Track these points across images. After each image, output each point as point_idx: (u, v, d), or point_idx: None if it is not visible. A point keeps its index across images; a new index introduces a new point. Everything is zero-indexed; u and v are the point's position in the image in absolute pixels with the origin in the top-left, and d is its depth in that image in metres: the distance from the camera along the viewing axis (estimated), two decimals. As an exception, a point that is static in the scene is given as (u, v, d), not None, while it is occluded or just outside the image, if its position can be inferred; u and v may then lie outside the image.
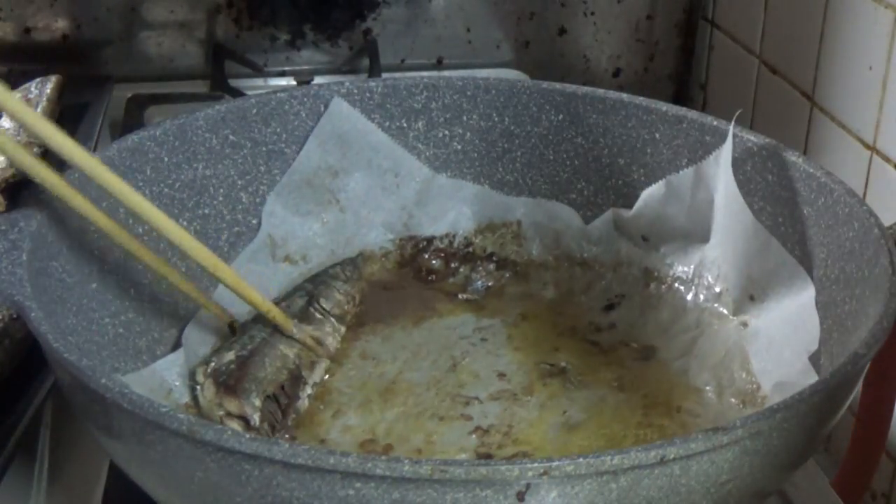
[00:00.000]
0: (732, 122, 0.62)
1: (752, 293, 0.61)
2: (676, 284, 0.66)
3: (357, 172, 0.70)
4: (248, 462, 0.41)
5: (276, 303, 0.63)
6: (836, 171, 0.60)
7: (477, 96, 0.71)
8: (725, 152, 0.61)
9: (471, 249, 0.71)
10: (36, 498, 0.59)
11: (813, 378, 0.54)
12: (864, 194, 0.82)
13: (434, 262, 0.71)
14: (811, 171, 0.60)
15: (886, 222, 0.56)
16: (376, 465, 0.40)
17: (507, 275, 0.70)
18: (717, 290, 0.64)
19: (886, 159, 0.80)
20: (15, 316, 0.60)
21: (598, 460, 0.40)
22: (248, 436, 0.41)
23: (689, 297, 0.65)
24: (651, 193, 0.65)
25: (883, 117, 0.80)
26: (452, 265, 0.71)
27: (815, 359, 0.56)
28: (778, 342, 0.58)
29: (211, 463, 0.42)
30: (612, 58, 1.13)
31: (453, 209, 0.71)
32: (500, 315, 0.67)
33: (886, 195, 0.79)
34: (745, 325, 0.61)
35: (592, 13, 1.10)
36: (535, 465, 0.40)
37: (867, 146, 0.82)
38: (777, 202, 0.62)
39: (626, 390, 0.60)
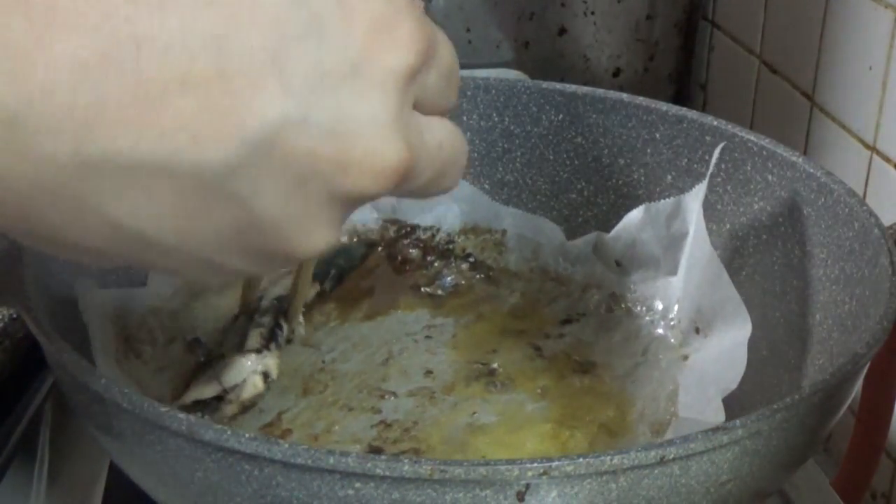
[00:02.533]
0: (714, 158, 0.62)
1: (698, 325, 0.62)
2: (636, 311, 0.66)
3: None
4: (248, 462, 0.41)
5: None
6: (836, 171, 0.60)
7: (477, 96, 0.71)
8: (702, 185, 0.62)
9: (451, 247, 0.71)
10: (36, 498, 0.59)
11: (721, 419, 0.54)
12: (864, 194, 0.82)
13: (412, 251, 0.71)
14: (811, 171, 0.60)
15: (886, 222, 0.56)
16: (376, 465, 0.40)
17: (479, 276, 0.70)
18: (673, 322, 0.64)
19: (886, 159, 0.80)
20: (15, 316, 0.60)
21: (598, 460, 0.40)
22: (247, 435, 0.41)
23: (645, 324, 0.65)
24: (630, 218, 0.66)
25: (883, 117, 0.80)
26: (429, 258, 0.71)
27: (814, 359, 0.56)
28: (707, 378, 0.58)
29: (211, 463, 0.42)
30: (612, 58, 1.13)
31: (443, 203, 0.71)
32: (455, 314, 0.67)
33: (886, 195, 0.80)
34: (685, 357, 0.61)
35: (592, 13, 1.10)
36: (535, 465, 0.40)
37: (867, 146, 0.82)
38: (777, 202, 0.62)
39: (547, 399, 0.60)
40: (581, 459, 0.40)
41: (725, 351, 0.58)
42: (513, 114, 0.71)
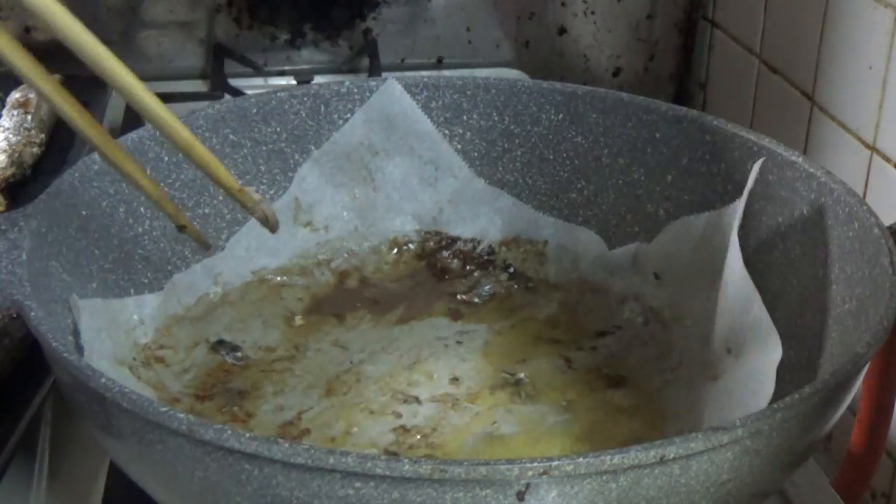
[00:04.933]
0: (753, 174, 0.61)
1: (729, 346, 0.61)
2: (672, 325, 0.65)
3: (398, 157, 0.70)
4: (248, 462, 0.41)
5: None
6: (836, 171, 0.60)
7: (477, 96, 0.71)
8: (741, 200, 0.61)
9: (492, 258, 0.71)
10: (36, 498, 0.59)
11: None
12: (864, 194, 0.82)
13: (452, 261, 0.71)
14: (811, 171, 0.60)
15: (886, 222, 0.56)
16: (376, 464, 0.40)
17: (517, 286, 0.70)
18: (707, 339, 0.63)
19: (886, 159, 0.80)
20: (15, 316, 0.60)
21: (597, 460, 0.40)
22: (247, 435, 0.41)
23: (679, 340, 0.64)
24: (669, 231, 0.65)
25: (883, 117, 0.80)
26: (468, 268, 0.70)
27: (814, 359, 0.56)
28: (734, 401, 0.57)
29: (211, 463, 0.42)
30: (612, 57, 1.13)
31: (485, 216, 0.71)
32: (488, 321, 0.67)
33: (886, 195, 0.79)
34: (715, 377, 0.60)
35: (592, 13, 1.10)
36: (535, 464, 0.40)
37: (867, 146, 0.82)
38: (777, 202, 0.62)
39: (571, 412, 0.59)
40: (581, 459, 0.40)
41: (754, 374, 0.57)
42: (513, 113, 0.71)
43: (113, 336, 0.58)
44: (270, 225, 0.58)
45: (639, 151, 0.68)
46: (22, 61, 0.51)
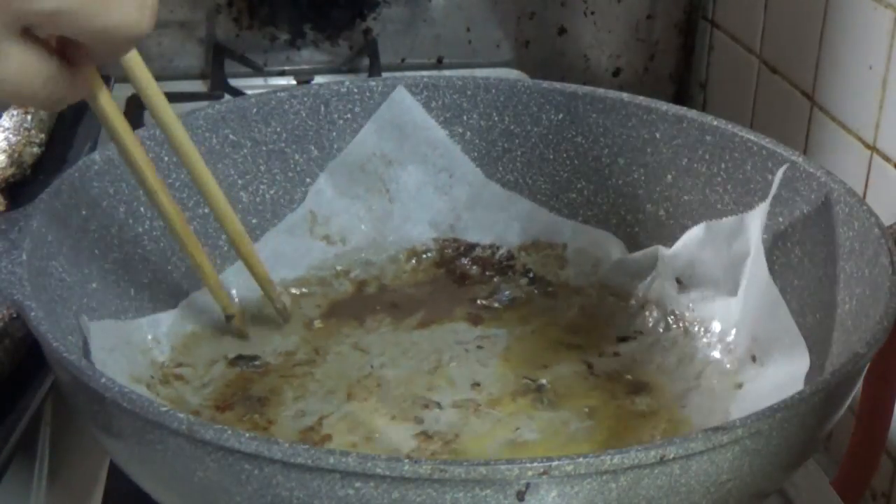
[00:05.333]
0: (777, 180, 0.60)
1: (754, 353, 0.60)
2: (694, 331, 0.64)
3: (411, 165, 0.70)
4: (248, 462, 0.41)
5: None
6: (836, 171, 0.60)
7: (477, 96, 0.71)
8: (764, 205, 0.61)
9: (511, 263, 0.71)
10: (36, 498, 0.59)
11: None
12: (864, 194, 0.82)
13: (471, 268, 0.70)
14: (811, 171, 0.60)
15: (886, 222, 0.56)
16: (376, 464, 0.40)
17: (537, 291, 0.69)
18: (730, 346, 0.62)
19: (886, 159, 0.80)
20: (15, 316, 0.60)
21: (598, 460, 0.40)
22: (247, 435, 0.41)
23: (701, 347, 0.63)
24: (691, 235, 0.64)
25: (883, 117, 0.80)
26: (488, 274, 0.70)
27: (815, 359, 0.56)
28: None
29: (211, 463, 0.42)
30: (612, 57, 1.13)
31: (502, 221, 0.71)
32: (510, 326, 0.66)
33: (886, 195, 0.80)
34: (739, 386, 0.60)
35: (592, 13, 1.10)
36: (535, 464, 0.40)
37: (867, 146, 0.82)
38: (777, 202, 0.62)
39: (595, 419, 0.58)
40: (581, 459, 0.40)
41: (781, 385, 0.56)
42: (513, 113, 0.71)
43: (127, 355, 0.58)
44: (285, 317, 0.65)
45: (639, 151, 0.68)
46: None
